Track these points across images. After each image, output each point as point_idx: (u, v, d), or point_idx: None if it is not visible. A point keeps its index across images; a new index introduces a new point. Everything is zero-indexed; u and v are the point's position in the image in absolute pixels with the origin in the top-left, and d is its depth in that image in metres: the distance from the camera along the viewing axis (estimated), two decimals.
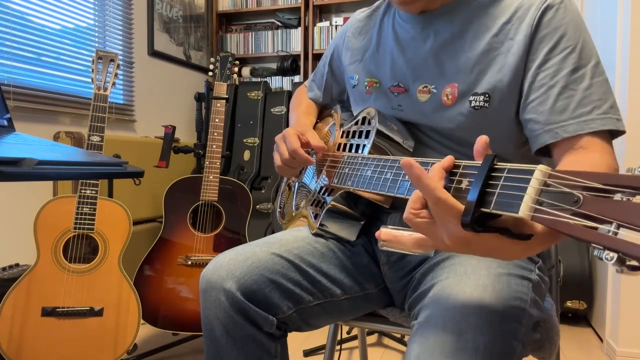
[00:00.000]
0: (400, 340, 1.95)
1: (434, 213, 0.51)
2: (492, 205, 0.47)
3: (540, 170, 0.45)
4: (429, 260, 0.81)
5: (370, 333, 2.01)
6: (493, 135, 0.77)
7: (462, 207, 0.49)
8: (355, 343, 1.94)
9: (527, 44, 0.72)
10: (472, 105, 0.76)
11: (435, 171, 0.52)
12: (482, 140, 0.51)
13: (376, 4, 0.97)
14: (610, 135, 0.71)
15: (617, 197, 0.39)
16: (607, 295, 1.87)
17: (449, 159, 0.53)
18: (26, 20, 1.98)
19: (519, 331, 0.62)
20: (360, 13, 1.00)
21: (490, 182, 0.49)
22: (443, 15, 0.80)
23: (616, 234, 0.37)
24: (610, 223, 0.38)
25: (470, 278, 0.69)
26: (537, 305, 0.70)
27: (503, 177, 0.48)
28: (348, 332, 2.00)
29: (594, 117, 0.68)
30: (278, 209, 1.13)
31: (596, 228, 0.39)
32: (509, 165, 0.48)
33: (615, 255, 0.37)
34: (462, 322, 0.61)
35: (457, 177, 0.53)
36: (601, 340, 1.98)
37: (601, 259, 0.38)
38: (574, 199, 0.41)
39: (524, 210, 0.44)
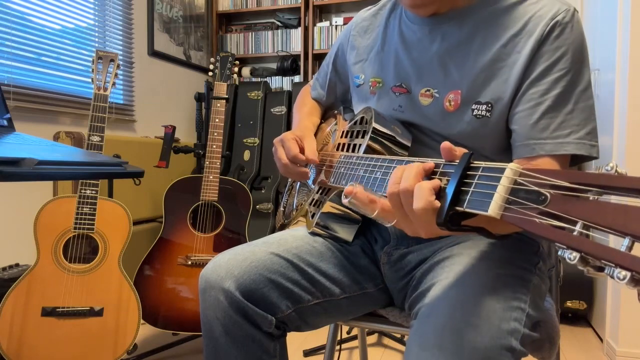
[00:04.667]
0: (400, 340, 1.95)
1: (414, 214, 0.54)
2: (465, 204, 0.48)
3: (511, 169, 0.45)
4: (429, 259, 0.81)
5: (370, 333, 2.01)
6: (492, 144, 0.78)
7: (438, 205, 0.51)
8: (355, 343, 1.94)
9: (530, 58, 0.73)
10: (475, 114, 0.76)
11: (414, 173, 0.55)
12: (445, 147, 0.54)
13: (381, 2, 0.96)
14: (581, 159, 0.74)
15: (586, 196, 0.39)
16: (607, 295, 1.87)
17: (430, 164, 0.56)
18: (26, 20, 1.98)
19: (518, 331, 0.63)
20: (366, 12, 0.99)
21: (466, 180, 0.49)
22: (452, 19, 0.80)
23: (581, 233, 0.37)
24: (576, 222, 0.38)
25: (470, 278, 0.69)
26: (537, 305, 0.70)
27: (477, 176, 0.49)
28: (348, 332, 2.00)
29: (569, 141, 0.71)
30: (281, 208, 1.13)
31: (563, 227, 0.39)
32: (483, 164, 0.49)
33: (578, 255, 0.37)
34: (461, 322, 0.61)
35: (437, 176, 0.54)
36: (601, 340, 1.98)
37: (564, 258, 0.38)
38: (542, 198, 0.42)
39: (494, 208, 0.45)
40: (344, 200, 0.60)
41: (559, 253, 0.39)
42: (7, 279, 1.53)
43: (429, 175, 0.55)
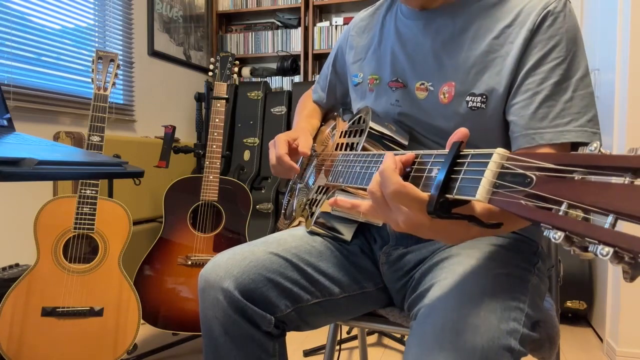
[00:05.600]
0: (400, 340, 1.95)
1: (390, 201, 0.54)
2: (455, 191, 0.48)
3: (498, 154, 0.46)
4: (427, 260, 0.81)
5: (370, 333, 2.01)
6: (489, 136, 0.78)
7: (421, 194, 0.51)
8: (355, 343, 1.94)
9: (523, 48, 0.73)
10: (470, 105, 0.77)
11: (391, 162, 0.54)
12: (461, 133, 0.53)
13: (379, 2, 0.98)
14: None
15: (571, 176, 0.38)
16: (607, 295, 1.87)
17: (410, 155, 0.57)
18: (26, 20, 1.98)
19: (517, 331, 0.62)
20: (364, 12, 1.00)
21: (456, 168, 0.49)
22: (445, 13, 0.81)
23: (566, 213, 0.37)
24: (561, 203, 0.38)
25: (469, 278, 0.69)
26: (536, 305, 0.70)
27: (466, 163, 0.49)
28: (348, 332, 2.00)
29: (569, 129, 0.70)
30: (282, 210, 1.14)
31: (549, 209, 0.39)
32: (472, 151, 0.49)
33: (562, 234, 0.37)
34: (460, 322, 0.61)
35: (428, 167, 0.54)
36: (601, 340, 1.98)
37: (549, 239, 0.38)
38: (528, 180, 0.41)
39: (481, 193, 0.45)
40: (332, 211, 0.62)
41: (544, 233, 0.39)
42: (7, 279, 1.53)
43: (409, 165, 0.57)
